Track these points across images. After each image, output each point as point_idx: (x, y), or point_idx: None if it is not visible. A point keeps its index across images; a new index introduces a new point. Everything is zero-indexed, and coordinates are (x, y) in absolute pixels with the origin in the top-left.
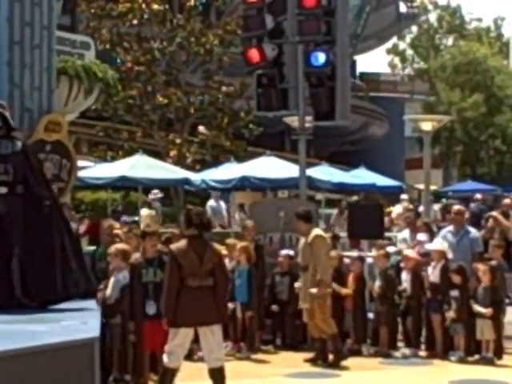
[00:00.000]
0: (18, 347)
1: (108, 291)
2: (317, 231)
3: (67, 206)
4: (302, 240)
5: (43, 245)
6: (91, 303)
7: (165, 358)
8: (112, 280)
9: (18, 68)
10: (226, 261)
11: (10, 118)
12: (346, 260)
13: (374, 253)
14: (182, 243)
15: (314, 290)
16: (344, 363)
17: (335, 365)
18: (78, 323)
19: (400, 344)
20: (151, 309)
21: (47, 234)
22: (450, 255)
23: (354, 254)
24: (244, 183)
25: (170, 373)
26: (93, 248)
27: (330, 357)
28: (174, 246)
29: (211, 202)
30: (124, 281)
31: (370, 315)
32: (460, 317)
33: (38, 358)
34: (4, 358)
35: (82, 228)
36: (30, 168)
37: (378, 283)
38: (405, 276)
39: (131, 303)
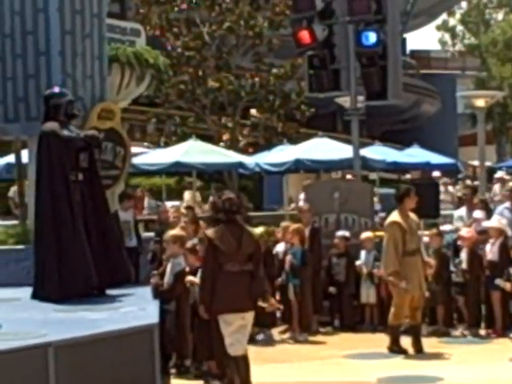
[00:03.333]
0: (78, 335)
1: (166, 278)
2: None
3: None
4: (395, 220)
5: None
6: (148, 290)
7: (229, 349)
8: (169, 266)
9: (70, 57)
10: (282, 244)
11: None
12: None
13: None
14: (218, 228)
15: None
16: (403, 343)
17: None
18: (136, 310)
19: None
20: None
21: (102, 221)
22: (509, 232)
23: None
24: (298, 166)
25: (241, 361)
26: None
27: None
28: (209, 231)
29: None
30: (179, 267)
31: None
32: None
33: (99, 345)
34: (65, 346)
35: None
36: (91, 156)
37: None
38: (463, 254)
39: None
